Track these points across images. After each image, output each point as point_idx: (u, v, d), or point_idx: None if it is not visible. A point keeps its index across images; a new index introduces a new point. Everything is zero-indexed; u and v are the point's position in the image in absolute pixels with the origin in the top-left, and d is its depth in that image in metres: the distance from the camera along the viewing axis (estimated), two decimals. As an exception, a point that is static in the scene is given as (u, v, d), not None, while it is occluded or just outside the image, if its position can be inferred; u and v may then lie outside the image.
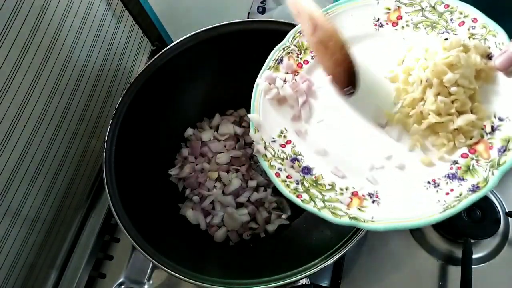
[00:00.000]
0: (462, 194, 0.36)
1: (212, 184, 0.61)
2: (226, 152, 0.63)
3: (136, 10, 0.67)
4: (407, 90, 0.42)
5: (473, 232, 0.52)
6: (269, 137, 0.45)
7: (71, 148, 0.59)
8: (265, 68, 0.48)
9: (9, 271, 0.52)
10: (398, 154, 0.41)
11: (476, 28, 0.40)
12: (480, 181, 0.36)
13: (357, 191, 0.41)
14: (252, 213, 0.59)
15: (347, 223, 0.39)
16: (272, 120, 0.46)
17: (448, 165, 0.39)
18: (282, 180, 0.43)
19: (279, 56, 0.48)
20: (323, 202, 0.41)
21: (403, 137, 0.42)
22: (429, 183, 0.39)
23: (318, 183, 0.43)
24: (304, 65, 0.48)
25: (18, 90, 0.46)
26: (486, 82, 0.39)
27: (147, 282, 0.56)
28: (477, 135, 0.38)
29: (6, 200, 0.48)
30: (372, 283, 0.55)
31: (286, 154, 0.45)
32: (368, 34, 0.46)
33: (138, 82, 0.55)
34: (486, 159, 0.36)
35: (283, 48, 0.48)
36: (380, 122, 0.43)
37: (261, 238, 0.58)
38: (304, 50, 0.48)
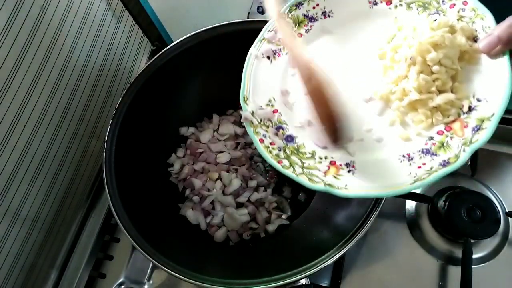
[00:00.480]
0: (432, 168, 0.38)
1: (212, 184, 0.61)
2: (226, 152, 0.63)
3: (136, 10, 0.67)
4: (393, 67, 0.44)
5: (473, 232, 0.52)
6: (257, 105, 0.47)
7: (71, 148, 0.59)
8: (259, 38, 0.49)
9: (9, 271, 0.52)
10: (378, 128, 0.43)
11: (466, 11, 0.41)
12: (451, 156, 0.37)
13: (335, 161, 0.43)
14: (252, 213, 0.59)
15: (322, 188, 0.40)
16: (262, 89, 0.47)
17: (424, 140, 0.40)
18: (265, 146, 0.44)
19: (273, 28, 0.49)
20: (302, 168, 0.43)
21: (385, 112, 0.44)
22: (404, 157, 0.40)
23: (300, 151, 0.44)
24: (297, 38, 0.49)
25: (18, 90, 0.46)
26: (469, 63, 0.40)
27: (147, 282, 0.56)
28: (454, 114, 0.39)
29: (6, 200, 0.48)
30: (372, 283, 0.55)
31: (272, 122, 0.46)
32: (362, 11, 0.47)
33: (138, 82, 0.55)
34: (460, 137, 0.38)
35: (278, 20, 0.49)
36: (365, 97, 0.45)
37: (261, 238, 0.58)
38: (299, 23, 0.49)
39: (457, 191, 0.56)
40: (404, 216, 0.59)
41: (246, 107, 0.46)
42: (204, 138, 0.64)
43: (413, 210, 0.59)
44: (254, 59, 0.48)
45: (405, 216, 0.59)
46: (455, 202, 0.54)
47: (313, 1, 0.49)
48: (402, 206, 0.59)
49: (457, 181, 0.59)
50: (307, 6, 0.49)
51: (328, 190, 0.40)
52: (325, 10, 0.49)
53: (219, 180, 0.61)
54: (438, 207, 0.55)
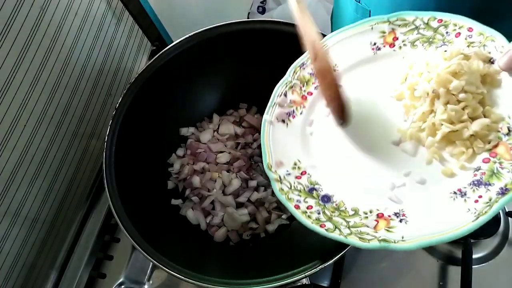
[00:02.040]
0: (491, 199, 0.35)
1: (212, 184, 0.61)
2: (226, 152, 0.63)
3: (136, 10, 0.67)
4: (415, 105, 0.42)
5: (473, 232, 0.52)
6: (284, 171, 0.44)
7: (71, 148, 0.59)
8: (270, 104, 0.48)
9: (9, 271, 0.52)
10: (416, 169, 0.41)
11: (473, 37, 0.40)
12: (507, 182, 0.35)
13: (382, 213, 0.40)
14: (252, 213, 0.59)
15: (377, 246, 0.37)
16: (284, 153, 0.46)
17: (471, 172, 0.38)
18: (302, 212, 0.41)
19: (282, 92, 0.48)
20: (349, 228, 0.39)
21: (419, 151, 0.42)
22: (455, 193, 0.38)
23: (340, 209, 0.41)
24: (308, 97, 0.48)
25: (18, 90, 0.46)
26: (492, 86, 0.39)
27: (147, 282, 0.56)
28: (495, 138, 0.37)
29: (6, 200, 0.48)
30: (372, 283, 0.55)
31: (303, 185, 0.44)
32: (367, 58, 0.47)
33: (138, 82, 0.55)
34: (509, 160, 0.36)
35: (285, 83, 0.48)
36: (393, 140, 0.43)
37: (261, 238, 0.58)
38: (307, 82, 0.48)
39: (457, 191, 0.56)
40: (404, 216, 0.59)
41: (272, 175, 0.44)
42: (204, 138, 0.64)
43: (413, 210, 0.59)
44: (269, 125, 0.47)
45: (405, 216, 0.59)
46: (455, 202, 0.54)
47: None
48: (402, 206, 0.59)
49: (457, 181, 0.59)
50: (311, 65, 0.48)
51: (385, 246, 0.36)
52: None
53: (219, 180, 0.61)
54: (438, 207, 0.55)
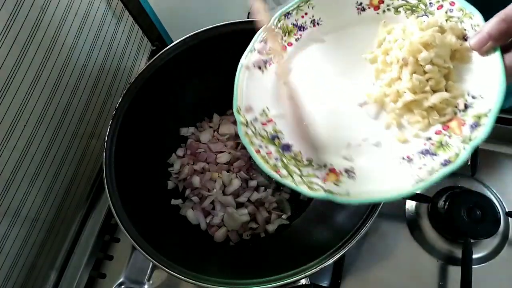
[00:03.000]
0: (434, 168, 0.37)
1: (212, 184, 0.61)
2: (226, 152, 0.63)
3: (136, 10, 0.67)
4: (385, 70, 0.44)
5: (473, 232, 0.52)
6: (252, 116, 0.46)
7: (71, 148, 0.59)
8: (249, 49, 0.49)
9: (9, 271, 0.52)
10: (375, 132, 0.43)
11: (454, 11, 0.41)
12: (451, 155, 0.37)
13: (334, 168, 0.42)
14: (252, 213, 0.59)
15: (323, 196, 0.39)
16: (255, 99, 0.47)
17: (423, 141, 0.40)
18: (262, 157, 0.43)
19: (263, 38, 0.48)
20: (301, 177, 0.42)
21: (380, 115, 0.44)
22: (403, 159, 0.40)
23: (297, 159, 0.44)
24: (288, 48, 0.49)
25: (18, 90, 0.46)
26: (461, 62, 0.40)
27: (147, 282, 0.56)
28: (451, 113, 0.39)
29: (6, 200, 0.48)
30: (372, 283, 0.55)
31: (267, 132, 0.46)
32: (351, 18, 0.48)
33: (138, 82, 0.55)
34: (458, 135, 0.38)
35: (268, 30, 0.49)
36: (359, 101, 0.45)
37: (261, 238, 0.58)
38: (289, 32, 0.49)
39: (457, 191, 0.56)
40: (404, 216, 0.59)
41: (240, 118, 0.45)
42: (204, 138, 0.64)
43: (413, 210, 0.59)
44: (245, 70, 0.48)
45: (405, 216, 0.59)
46: (455, 202, 0.54)
47: (302, 10, 0.49)
48: (402, 206, 0.59)
49: (457, 181, 0.59)
50: (295, 16, 0.49)
51: (329, 197, 0.39)
52: (313, 18, 0.49)
53: (219, 180, 0.61)
54: (438, 207, 0.55)
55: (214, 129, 0.66)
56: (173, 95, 0.62)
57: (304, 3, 0.49)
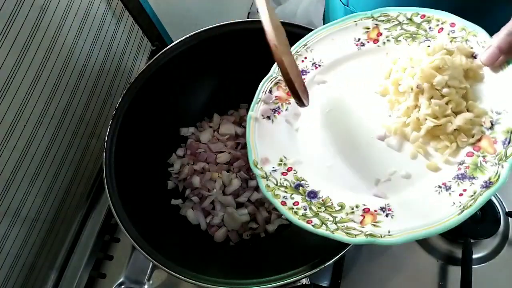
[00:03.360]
0: (476, 192, 0.35)
1: (212, 184, 0.61)
2: (226, 152, 0.63)
3: (136, 10, 0.67)
4: (399, 100, 0.43)
5: (473, 232, 0.52)
6: (270, 167, 0.45)
7: (71, 148, 0.59)
8: (255, 101, 0.48)
9: (9, 271, 0.52)
10: (402, 164, 0.41)
11: (456, 32, 0.41)
12: (491, 176, 0.35)
13: (368, 208, 0.40)
14: (252, 213, 0.59)
15: (364, 241, 0.37)
16: (270, 150, 0.46)
17: (456, 166, 0.38)
18: (289, 208, 0.41)
19: (267, 88, 0.49)
20: (335, 224, 0.39)
21: (403, 146, 0.42)
22: (440, 187, 0.38)
23: (327, 205, 0.42)
24: None
25: (18, 90, 0.46)
26: (475, 80, 0.39)
27: (147, 282, 0.56)
28: (478, 132, 0.38)
29: (6, 200, 0.48)
30: (372, 283, 0.55)
31: (289, 181, 0.44)
32: (352, 54, 0.47)
33: (138, 82, 0.55)
34: (492, 154, 0.36)
35: (270, 79, 0.49)
36: (378, 135, 0.43)
37: (261, 238, 0.58)
38: None
39: (457, 191, 0.56)
40: (404, 216, 0.59)
41: (258, 171, 0.44)
42: (204, 138, 0.64)
43: (413, 210, 0.59)
44: (255, 122, 0.47)
45: (405, 216, 0.59)
46: (455, 202, 0.54)
47: (301, 55, 0.49)
48: (402, 206, 0.59)
49: (457, 181, 0.59)
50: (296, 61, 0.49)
51: (371, 241, 0.36)
52: (314, 61, 0.49)
53: (219, 180, 0.61)
54: (438, 207, 0.55)
55: (214, 129, 0.66)
56: (173, 95, 0.62)
57: (302, 48, 0.49)
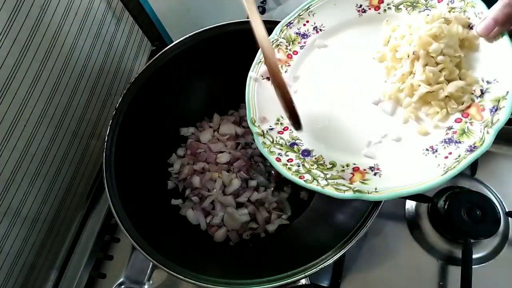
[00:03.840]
0: (460, 155, 0.37)
1: (212, 184, 0.61)
2: (226, 152, 0.63)
3: (136, 10, 0.67)
4: (396, 66, 0.44)
5: (473, 232, 0.52)
6: (267, 126, 0.47)
7: (71, 148, 0.59)
8: (256, 61, 0.50)
9: (9, 271, 0.52)
10: (394, 128, 0.43)
11: (455, 2, 0.42)
12: (476, 140, 0.37)
13: (358, 167, 0.42)
14: (252, 213, 0.59)
15: (351, 196, 0.39)
16: (268, 109, 0.48)
17: (444, 131, 0.40)
18: (283, 164, 0.44)
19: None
20: (326, 180, 0.42)
21: (397, 111, 0.44)
22: (427, 150, 0.40)
23: (319, 163, 0.44)
24: (293, 56, 0.50)
25: (18, 90, 0.46)
26: (470, 50, 0.41)
27: (147, 282, 0.56)
28: (468, 100, 0.39)
29: (6, 200, 0.48)
30: (372, 283, 0.55)
31: (285, 139, 0.46)
32: (353, 20, 0.49)
33: (138, 82, 0.55)
34: (479, 121, 0.38)
35: (272, 41, 0.50)
36: (373, 100, 0.45)
37: (261, 238, 0.58)
38: (293, 41, 0.50)
39: (457, 191, 0.56)
40: (404, 216, 0.59)
41: (255, 129, 0.46)
42: (204, 138, 0.64)
43: (413, 210, 0.59)
44: (254, 82, 0.49)
45: (405, 216, 0.59)
46: (455, 202, 0.54)
47: (303, 19, 0.50)
48: (402, 206, 0.59)
49: (457, 181, 0.59)
50: (297, 24, 0.50)
51: (359, 196, 0.39)
52: (315, 25, 0.50)
53: (219, 180, 0.61)
54: (438, 207, 0.55)
55: (214, 129, 0.66)
56: (173, 95, 0.62)
57: (304, 11, 0.50)
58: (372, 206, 0.45)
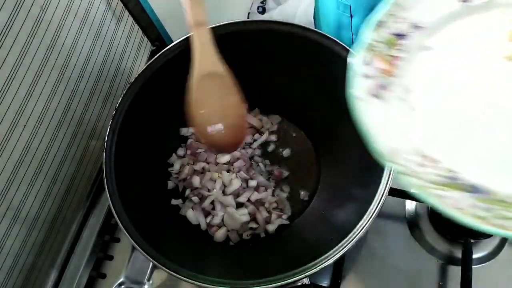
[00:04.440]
0: None
1: (212, 184, 0.61)
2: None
3: (136, 10, 0.67)
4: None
5: (473, 232, 0.52)
6: (401, 158, 0.34)
7: (71, 148, 0.59)
8: (353, 75, 0.38)
9: (9, 271, 0.52)
10: None
11: None
12: None
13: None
14: (252, 213, 0.59)
15: None
16: (393, 136, 0.35)
17: None
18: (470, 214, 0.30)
19: (364, 59, 0.39)
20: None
21: None
22: None
23: (498, 200, 0.31)
24: (397, 62, 0.39)
25: (18, 90, 0.46)
26: None
27: (147, 282, 0.56)
28: None
29: (6, 200, 0.48)
30: (372, 283, 0.55)
31: (436, 173, 0.33)
32: (456, 12, 0.40)
33: (138, 82, 0.55)
34: None
35: (365, 48, 0.39)
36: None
37: (261, 238, 0.58)
38: (391, 44, 0.40)
39: (457, 191, 0.56)
40: (404, 216, 0.59)
41: (396, 167, 0.33)
42: (204, 138, 0.64)
43: (413, 210, 0.59)
44: (361, 102, 0.37)
45: (405, 216, 0.59)
46: (455, 202, 0.54)
47: (394, 15, 0.40)
48: (402, 206, 0.59)
49: (457, 181, 0.59)
50: (390, 23, 0.40)
51: None
52: (412, 22, 0.40)
53: (219, 180, 0.61)
54: (438, 207, 0.55)
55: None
56: (173, 95, 0.61)
57: (394, 6, 0.41)
58: (372, 206, 0.45)
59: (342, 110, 0.44)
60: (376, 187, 0.45)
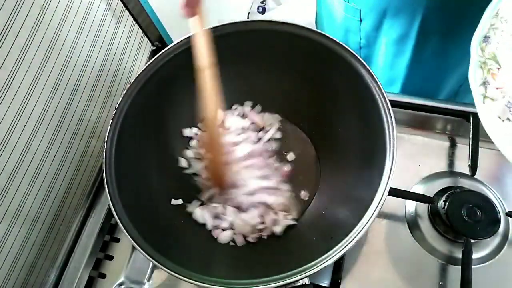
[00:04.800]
0: None
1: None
2: (246, 143, 0.62)
3: (136, 10, 0.67)
4: None
5: (473, 232, 0.52)
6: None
7: (71, 148, 0.59)
8: (479, 98, 0.35)
9: (9, 271, 0.52)
10: None
11: None
12: None
13: None
14: (260, 215, 0.58)
15: None
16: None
17: None
18: None
19: (481, 78, 0.36)
20: None
21: None
22: None
23: None
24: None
25: (18, 90, 0.46)
26: None
27: (147, 282, 0.56)
28: None
29: (6, 200, 0.48)
30: (372, 283, 0.55)
31: None
32: None
33: (138, 82, 0.54)
34: None
35: (479, 66, 0.37)
36: None
37: (262, 238, 0.58)
38: (497, 60, 0.36)
39: (457, 191, 0.56)
40: (404, 216, 0.59)
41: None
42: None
43: (413, 210, 0.59)
44: (495, 126, 0.36)
45: (405, 216, 0.59)
46: (455, 202, 0.54)
47: (497, 28, 0.36)
48: (402, 206, 0.59)
49: (457, 181, 0.59)
50: (495, 37, 0.36)
51: None
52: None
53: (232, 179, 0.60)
54: (438, 207, 0.55)
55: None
56: (173, 95, 0.61)
57: (494, 19, 0.37)
58: (372, 206, 0.45)
59: (343, 110, 0.45)
60: (376, 187, 0.45)
